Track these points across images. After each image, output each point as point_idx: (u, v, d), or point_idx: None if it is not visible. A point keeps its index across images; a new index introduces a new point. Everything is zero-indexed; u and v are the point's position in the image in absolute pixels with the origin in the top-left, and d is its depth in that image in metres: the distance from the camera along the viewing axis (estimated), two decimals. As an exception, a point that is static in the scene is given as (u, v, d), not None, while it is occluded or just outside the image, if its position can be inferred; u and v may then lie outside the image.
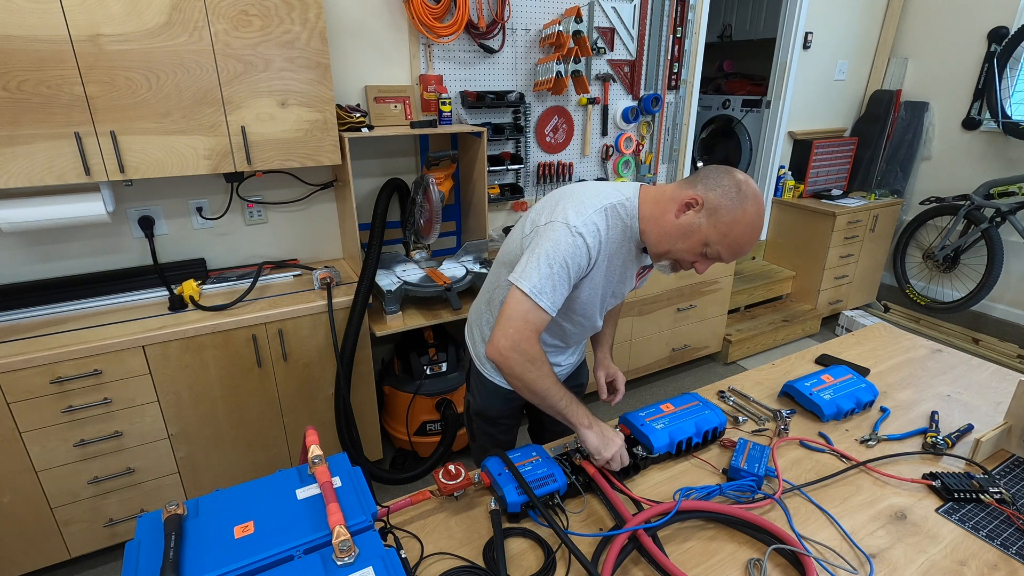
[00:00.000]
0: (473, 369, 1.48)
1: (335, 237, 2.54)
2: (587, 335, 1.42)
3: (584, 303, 1.25)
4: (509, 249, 1.27)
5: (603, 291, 1.26)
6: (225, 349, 1.92)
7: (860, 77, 4.00)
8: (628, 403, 3.02)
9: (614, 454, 1.11)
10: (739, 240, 1.07)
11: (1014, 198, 3.35)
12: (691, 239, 1.10)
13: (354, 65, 2.31)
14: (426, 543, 1.00)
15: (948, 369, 1.64)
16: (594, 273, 1.18)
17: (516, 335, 1.09)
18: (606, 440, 1.12)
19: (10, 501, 1.76)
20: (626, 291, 1.35)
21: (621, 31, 2.87)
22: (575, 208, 1.14)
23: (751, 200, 1.06)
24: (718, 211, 1.06)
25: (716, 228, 1.07)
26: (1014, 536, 1.03)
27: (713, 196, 1.07)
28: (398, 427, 2.44)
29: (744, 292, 3.69)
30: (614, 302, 1.36)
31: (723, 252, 1.10)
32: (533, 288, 1.09)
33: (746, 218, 1.05)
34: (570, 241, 1.11)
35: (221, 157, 1.90)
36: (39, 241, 2.00)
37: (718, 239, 1.08)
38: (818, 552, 0.99)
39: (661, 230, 1.14)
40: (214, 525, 0.85)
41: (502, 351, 1.10)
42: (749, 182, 1.08)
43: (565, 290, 1.13)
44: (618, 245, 1.19)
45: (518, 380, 1.11)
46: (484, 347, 1.43)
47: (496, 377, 1.42)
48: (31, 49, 1.58)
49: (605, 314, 1.49)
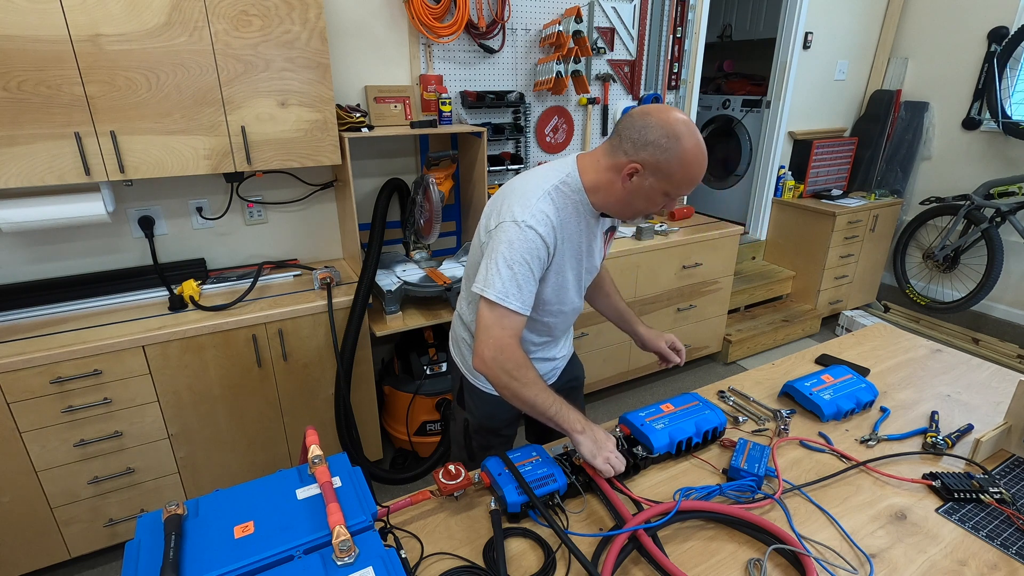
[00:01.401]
0: (467, 384, 1.44)
1: (335, 237, 2.54)
2: (572, 321, 1.41)
3: (558, 291, 1.25)
4: (473, 260, 1.27)
5: (575, 272, 1.26)
6: (225, 349, 1.92)
7: (860, 77, 4.00)
8: (628, 403, 3.02)
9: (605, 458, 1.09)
10: (691, 174, 1.09)
11: (1014, 198, 3.35)
12: (649, 196, 1.13)
13: (354, 65, 2.31)
14: (426, 543, 1.00)
15: (948, 369, 1.64)
16: (558, 259, 1.19)
17: (496, 344, 1.10)
18: (599, 444, 1.11)
19: (10, 501, 1.76)
20: (598, 263, 1.35)
21: (621, 31, 2.87)
22: (519, 202, 1.14)
23: (683, 138, 1.05)
24: (659, 166, 1.07)
25: (667, 179, 1.09)
26: (1014, 536, 1.03)
27: (648, 156, 1.07)
28: (398, 427, 2.44)
29: (744, 292, 3.69)
30: (588, 278, 1.35)
31: (684, 190, 1.12)
32: (499, 294, 1.10)
33: (688, 155, 1.06)
34: (523, 237, 1.11)
35: (221, 157, 1.90)
36: (39, 241, 2.00)
37: (674, 186, 1.10)
38: (818, 552, 0.99)
39: (617, 198, 1.16)
40: (214, 525, 0.85)
41: (487, 362, 1.11)
42: (668, 117, 1.06)
43: (532, 287, 1.14)
44: (575, 224, 1.19)
45: (506, 389, 1.12)
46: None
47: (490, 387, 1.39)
48: (31, 49, 1.58)
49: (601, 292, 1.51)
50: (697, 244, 2.95)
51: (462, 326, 1.42)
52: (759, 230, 4.04)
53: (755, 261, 4.11)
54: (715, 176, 4.30)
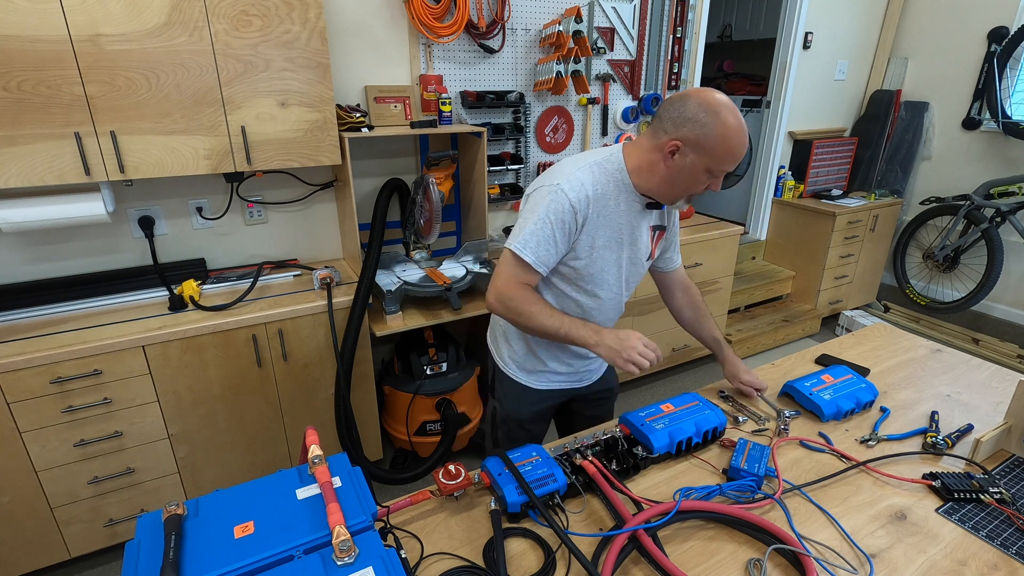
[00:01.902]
0: (499, 373, 1.48)
1: (335, 237, 2.54)
2: (612, 315, 1.40)
3: (592, 267, 1.26)
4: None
5: (615, 256, 1.27)
6: (225, 349, 1.92)
7: (860, 77, 4.00)
8: (628, 403, 3.02)
9: (631, 354, 1.12)
10: (732, 149, 1.10)
11: (1014, 198, 3.35)
12: (693, 175, 1.15)
13: (354, 65, 2.31)
14: (426, 543, 1.00)
15: (948, 369, 1.64)
16: (589, 227, 1.21)
17: (502, 286, 1.20)
18: (620, 342, 1.13)
19: (10, 501, 1.76)
20: (644, 256, 1.35)
21: (621, 31, 2.87)
22: (559, 172, 1.21)
23: (722, 111, 1.08)
24: (700, 142, 1.10)
25: (709, 155, 1.11)
26: (1014, 536, 1.02)
27: (689, 133, 1.10)
28: (398, 427, 2.44)
29: (744, 292, 3.69)
30: (634, 271, 1.36)
31: (727, 166, 1.13)
32: (516, 244, 1.17)
33: (728, 129, 1.09)
34: (551, 198, 1.16)
35: (221, 157, 1.90)
36: (39, 241, 2.00)
37: (716, 161, 1.12)
38: (818, 552, 0.98)
39: (660, 179, 1.19)
40: (214, 525, 0.84)
41: (492, 302, 1.22)
42: (707, 96, 1.10)
43: (551, 246, 1.18)
44: (614, 201, 1.22)
45: (514, 320, 1.22)
46: (507, 350, 1.44)
47: (522, 376, 1.43)
48: (31, 49, 1.58)
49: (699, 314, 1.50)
50: (697, 244, 2.95)
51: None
52: (759, 230, 4.04)
53: (755, 261, 4.11)
54: (715, 176, 4.29)
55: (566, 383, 1.46)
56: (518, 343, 1.42)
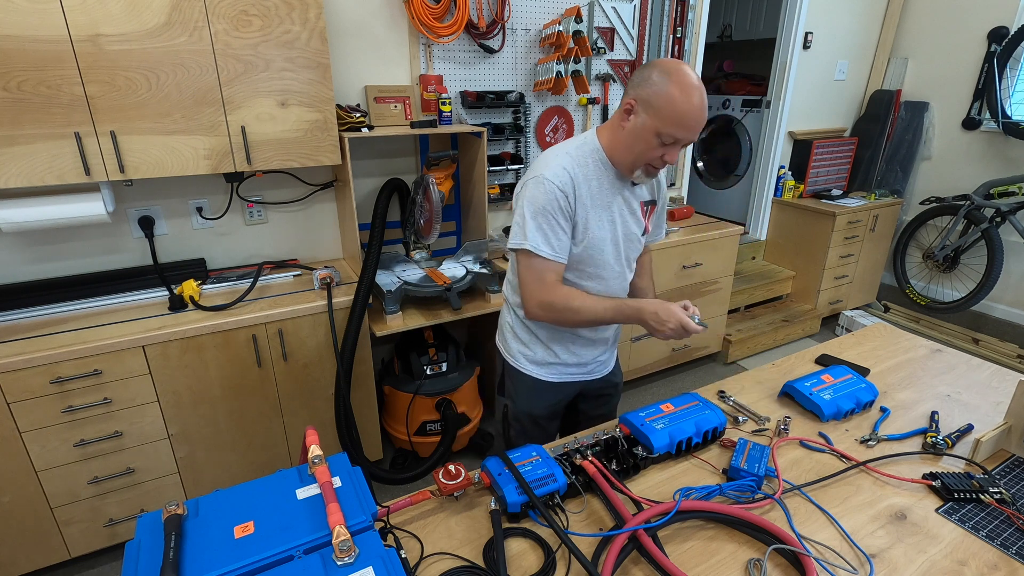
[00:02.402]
0: (509, 369, 1.48)
1: (335, 237, 2.54)
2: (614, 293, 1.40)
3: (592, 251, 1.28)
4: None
5: (611, 234, 1.29)
6: (225, 349, 1.92)
7: (860, 77, 4.00)
8: (628, 403, 3.02)
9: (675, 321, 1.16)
10: (681, 113, 1.13)
11: (1014, 198, 3.35)
12: (644, 138, 1.17)
13: (354, 65, 2.31)
14: (426, 543, 1.00)
15: (948, 369, 1.64)
16: (582, 212, 1.23)
17: (538, 292, 1.20)
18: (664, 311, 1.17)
19: (10, 501, 1.76)
20: (637, 232, 1.37)
21: (621, 31, 2.87)
22: (541, 165, 1.24)
23: (676, 74, 1.12)
24: (650, 101, 1.13)
25: (658, 115, 1.13)
26: (1014, 536, 1.02)
27: (642, 91, 1.15)
28: (398, 427, 2.44)
29: (744, 292, 3.69)
30: (632, 247, 1.37)
31: (675, 132, 1.15)
32: (529, 243, 1.18)
33: (677, 91, 1.11)
34: (541, 189, 1.19)
35: (221, 157, 1.90)
36: (39, 241, 2.00)
37: (664, 123, 1.14)
38: (818, 552, 0.98)
39: (619, 145, 1.22)
40: (214, 525, 0.84)
41: (537, 313, 1.23)
42: (670, 62, 1.14)
43: (562, 234, 1.21)
44: (598, 180, 1.25)
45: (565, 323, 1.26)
46: (517, 345, 1.45)
47: (533, 370, 1.44)
48: (31, 49, 1.58)
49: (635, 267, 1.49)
50: (697, 244, 2.95)
51: (507, 307, 1.46)
52: (759, 230, 4.04)
53: (755, 261, 4.11)
54: (715, 176, 4.29)
55: (578, 375, 1.48)
56: (527, 336, 1.43)
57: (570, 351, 1.43)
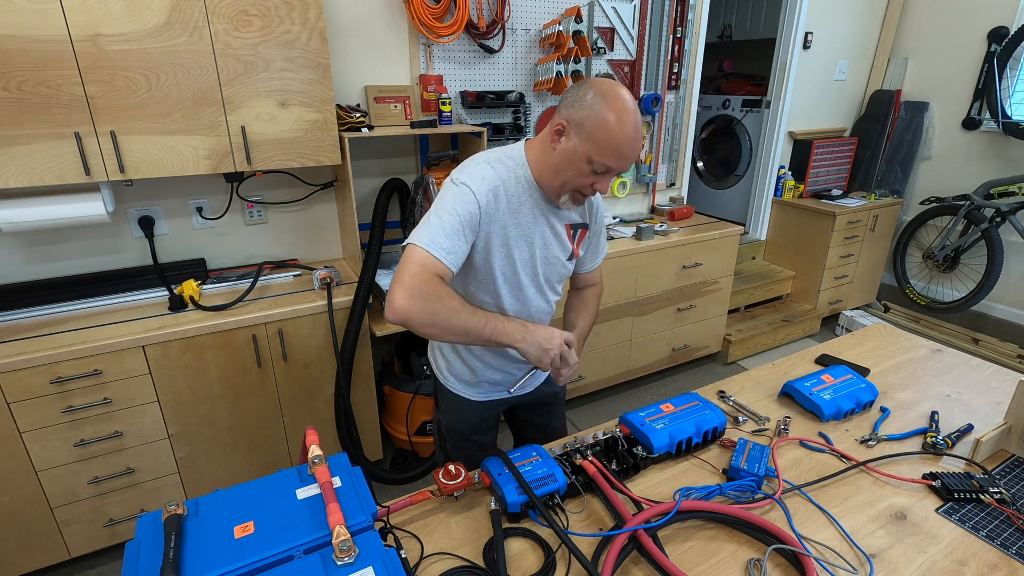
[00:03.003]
0: (439, 386, 1.44)
1: (335, 237, 2.54)
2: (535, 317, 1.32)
3: (508, 270, 1.20)
4: None
5: (530, 253, 1.22)
6: (225, 349, 1.92)
7: (860, 77, 4.00)
8: (628, 403, 3.02)
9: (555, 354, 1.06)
10: (616, 143, 1.05)
11: (1014, 198, 3.35)
12: (574, 162, 1.09)
13: (354, 65, 2.31)
14: (426, 543, 1.00)
15: (948, 369, 1.64)
16: (498, 229, 1.15)
17: (412, 279, 1.01)
18: (547, 339, 1.08)
19: (10, 501, 1.76)
20: (563, 256, 1.28)
21: (621, 31, 2.87)
22: (461, 170, 1.15)
23: (612, 99, 1.04)
24: (583, 124, 1.06)
25: (589, 140, 1.06)
26: (1014, 536, 1.02)
27: (575, 113, 1.07)
28: (398, 427, 2.44)
29: (744, 292, 3.69)
30: (554, 271, 1.29)
31: (608, 160, 1.08)
32: (423, 239, 1.05)
33: (613, 118, 1.04)
34: (454, 191, 1.11)
35: (221, 157, 1.90)
36: (39, 241, 2.00)
37: (597, 150, 1.07)
38: (818, 552, 0.98)
39: (547, 167, 1.14)
40: (214, 525, 0.85)
41: (402, 303, 1.00)
42: (607, 84, 1.07)
43: (460, 242, 1.08)
44: (519, 198, 1.17)
45: (431, 327, 1.03)
46: (443, 361, 1.38)
47: (459, 388, 1.38)
48: (31, 49, 1.58)
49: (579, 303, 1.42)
50: (697, 244, 2.95)
51: None
52: (759, 230, 4.04)
53: (755, 261, 4.11)
54: (715, 176, 4.29)
55: (503, 392, 1.39)
56: (452, 355, 1.36)
57: (493, 368, 1.35)
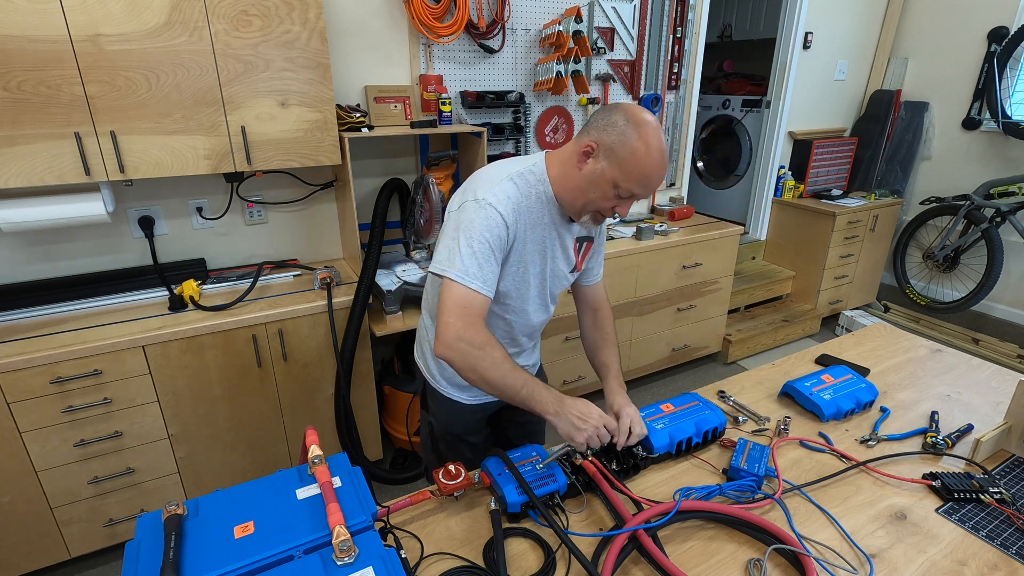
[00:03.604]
0: (429, 388, 1.43)
1: (335, 237, 2.54)
2: (537, 330, 1.36)
3: (519, 285, 1.21)
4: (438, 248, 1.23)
5: (539, 271, 1.23)
6: (225, 349, 1.92)
7: (860, 77, 4.00)
8: (628, 403, 3.01)
9: (589, 434, 1.05)
10: (644, 171, 1.06)
11: (1014, 198, 3.35)
12: (600, 185, 1.10)
13: (354, 65, 2.31)
14: (426, 543, 1.00)
15: (948, 369, 1.64)
16: (519, 246, 1.15)
17: (458, 324, 1.04)
18: (581, 418, 1.05)
19: (10, 501, 1.76)
20: (567, 269, 1.29)
21: (621, 31, 2.87)
22: (484, 184, 1.13)
23: (643, 127, 1.05)
24: (614, 149, 1.06)
25: (619, 166, 1.07)
26: (1014, 536, 1.02)
27: (606, 137, 1.07)
28: (398, 427, 2.44)
29: (744, 292, 3.69)
30: (558, 284, 1.30)
31: (634, 187, 1.09)
32: (459, 273, 1.06)
33: (643, 147, 1.05)
34: (482, 215, 1.09)
35: (221, 157, 1.90)
36: (39, 241, 2.00)
37: (624, 176, 1.07)
38: (818, 552, 0.98)
39: (570, 186, 1.14)
40: (214, 525, 0.84)
41: (450, 344, 1.04)
42: (637, 110, 1.07)
43: (493, 267, 1.10)
44: (538, 214, 1.17)
45: (472, 373, 1.05)
46: (435, 363, 1.39)
47: (453, 392, 1.38)
48: (31, 49, 1.58)
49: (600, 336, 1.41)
50: (697, 244, 2.95)
51: (424, 327, 1.40)
52: (759, 230, 4.04)
53: (755, 261, 4.11)
54: (715, 176, 4.29)
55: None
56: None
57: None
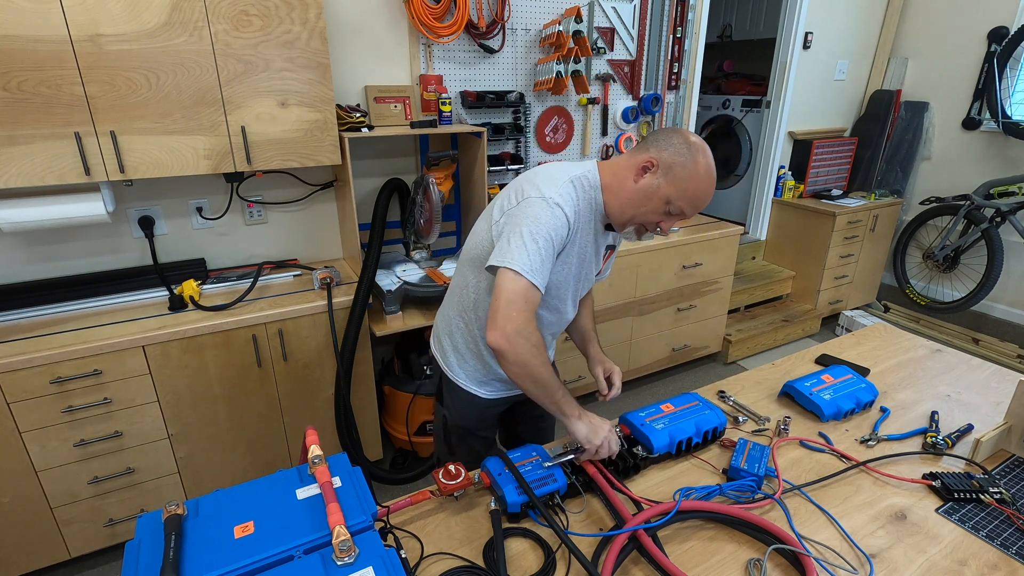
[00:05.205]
0: (446, 381, 1.43)
1: (335, 237, 2.54)
2: (561, 327, 1.40)
3: (558, 284, 1.24)
4: (477, 242, 1.25)
5: (576, 271, 1.26)
6: (225, 349, 1.92)
7: (860, 77, 4.00)
8: (628, 403, 3.02)
9: (603, 440, 1.11)
10: (697, 192, 1.12)
11: (1014, 198, 3.35)
12: (653, 200, 1.14)
13: (354, 65, 2.31)
14: (426, 543, 1.00)
15: (948, 369, 1.64)
16: (569, 247, 1.19)
17: (520, 318, 1.05)
18: (594, 427, 1.12)
19: (10, 501, 1.76)
20: (593, 274, 1.34)
21: (621, 31, 2.87)
22: (547, 182, 1.15)
23: (701, 152, 1.11)
24: (673, 168, 1.11)
25: (675, 185, 1.11)
26: (1014, 536, 1.03)
27: (666, 155, 1.12)
28: (398, 427, 2.44)
29: (744, 292, 3.69)
30: (584, 287, 1.35)
31: (685, 207, 1.13)
32: (525, 267, 1.06)
33: (700, 170, 1.10)
34: (550, 213, 1.11)
35: (221, 157, 1.90)
36: (39, 241, 2.00)
37: (678, 195, 1.12)
38: (818, 552, 0.99)
39: (623, 197, 1.17)
40: (214, 525, 0.85)
41: (509, 337, 1.04)
42: (692, 135, 1.13)
43: (551, 262, 1.12)
44: (587, 219, 1.21)
45: (522, 368, 1.06)
46: (456, 357, 1.39)
47: (471, 386, 1.39)
48: (31, 49, 1.57)
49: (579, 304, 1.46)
50: (697, 244, 2.95)
51: (447, 320, 1.40)
52: (759, 230, 4.04)
53: (755, 261, 4.11)
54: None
55: (515, 390, 1.43)
56: (470, 355, 1.37)
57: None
